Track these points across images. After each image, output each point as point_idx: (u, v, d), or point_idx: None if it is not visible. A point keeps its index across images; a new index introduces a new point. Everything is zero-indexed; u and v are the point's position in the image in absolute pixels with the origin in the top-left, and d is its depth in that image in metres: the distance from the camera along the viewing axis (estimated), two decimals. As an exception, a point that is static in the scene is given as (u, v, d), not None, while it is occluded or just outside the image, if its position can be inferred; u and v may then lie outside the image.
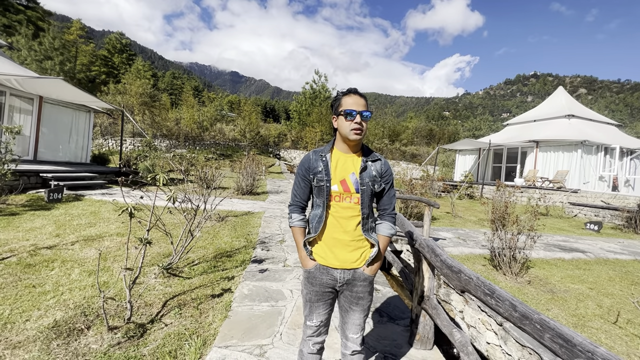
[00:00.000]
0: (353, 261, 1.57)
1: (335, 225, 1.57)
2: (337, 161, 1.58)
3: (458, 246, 5.64)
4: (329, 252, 1.58)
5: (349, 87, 1.57)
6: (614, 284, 4.39)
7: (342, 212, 1.56)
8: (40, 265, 3.43)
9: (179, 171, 11.18)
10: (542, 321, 1.28)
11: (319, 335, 1.66)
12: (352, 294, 1.60)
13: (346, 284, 1.59)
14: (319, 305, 1.62)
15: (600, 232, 8.63)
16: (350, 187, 1.55)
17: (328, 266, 1.58)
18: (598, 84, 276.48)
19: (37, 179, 7.89)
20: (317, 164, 1.58)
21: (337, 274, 1.57)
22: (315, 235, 1.59)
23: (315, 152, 1.63)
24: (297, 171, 1.66)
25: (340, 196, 1.56)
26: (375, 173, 1.57)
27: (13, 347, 2.10)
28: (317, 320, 1.63)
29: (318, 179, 1.56)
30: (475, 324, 3.39)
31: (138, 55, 57.92)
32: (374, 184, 1.56)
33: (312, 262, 1.60)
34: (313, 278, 1.59)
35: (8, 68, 9.20)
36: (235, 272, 3.75)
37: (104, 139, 23.30)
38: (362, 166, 1.55)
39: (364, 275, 1.58)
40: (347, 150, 1.59)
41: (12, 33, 29.67)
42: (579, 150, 14.32)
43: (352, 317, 1.63)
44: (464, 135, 48.11)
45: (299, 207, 1.66)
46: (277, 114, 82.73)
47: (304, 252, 1.61)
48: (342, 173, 1.56)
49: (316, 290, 1.60)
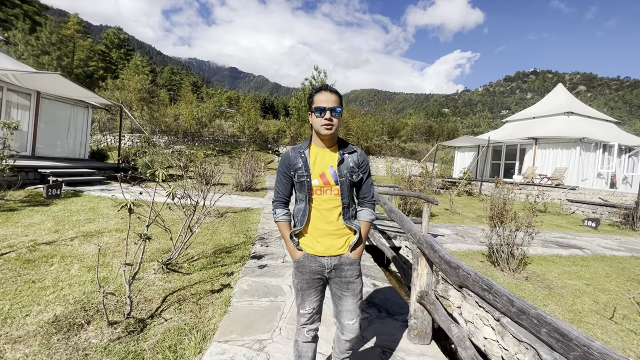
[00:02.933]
0: (338, 248, 1.67)
1: (318, 217, 1.66)
2: (315, 156, 1.66)
3: (456, 242, 5.66)
4: (315, 241, 1.67)
5: (322, 84, 1.65)
6: (611, 280, 4.43)
7: (324, 204, 1.65)
8: (39, 260, 3.43)
9: (178, 167, 11.17)
10: (539, 316, 1.29)
11: (312, 322, 1.73)
12: (342, 279, 1.68)
13: (334, 270, 1.67)
14: (310, 293, 1.69)
15: (598, 228, 8.67)
16: (329, 180, 1.63)
17: (315, 254, 1.66)
18: (597, 81, 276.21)
19: (36, 175, 7.87)
20: (297, 160, 1.65)
21: (325, 261, 1.66)
22: (301, 228, 1.68)
23: (294, 149, 1.70)
24: (278, 169, 1.73)
25: (321, 189, 1.64)
26: (353, 164, 1.65)
27: (13, 342, 2.11)
28: (310, 308, 1.70)
29: (299, 175, 1.64)
30: (473, 319, 3.42)
31: (136, 51, 57.53)
32: (352, 175, 1.64)
33: (300, 252, 1.68)
34: (302, 267, 1.67)
35: (5, 63, 9.13)
36: (235, 268, 3.77)
37: (102, 134, 23.20)
38: (340, 159, 1.64)
39: (350, 259, 1.67)
40: (323, 145, 1.66)
41: (8, 27, 29.36)
42: (577, 148, 14.35)
43: (345, 303, 1.70)
44: (463, 132, 48.09)
45: (282, 203, 1.74)
46: (276, 110, 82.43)
47: (291, 244, 1.70)
48: (321, 167, 1.64)
49: (306, 279, 1.68)
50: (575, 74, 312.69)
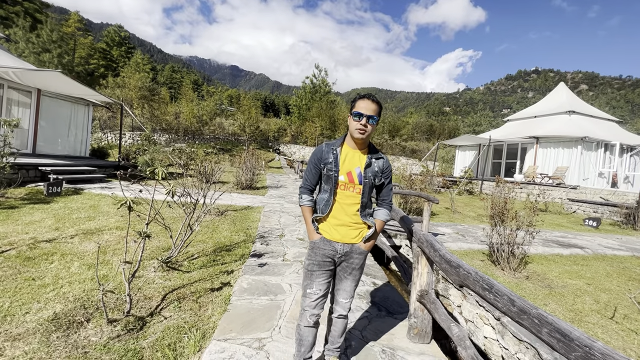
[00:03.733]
0: (352, 237, 1.86)
1: (339, 209, 1.84)
2: (345, 155, 1.83)
3: (457, 241, 5.65)
4: (332, 229, 1.85)
5: (367, 93, 1.79)
6: (612, 280, 4.42)
7: (346, 199, 1.83)
8: (39, 258, 3.43)
9: (178, 165, 11.17)
10: (540, 316, 1.28)
11: (316, 306, 1.87)
12: (348, 265, 1.88)
13: (344, 256, 1.86)
14: (319, 275, 1.86)
15: (599, 228, 8.65)
16: (354, 178, 1.80)
17: (331, 240, 1.84)
18: (599, 80, 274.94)
19: (36, 173, 7.87)
20: (329, 155, 1.82)
21: (338, 247, 1.84)
22: (323, 216, 1.86)
23: (327, 145, 1.87)
24: (309, 159, 1.91)
25: (345, 185, 1.81)
26: (377, 169, 1.83)
27: (13, 339, 2.11)
28: (317, 289, 1.85)
29: (328, 168, 1.81)
30: (473, 318, 3.41)
31: (137, 49, 57.46)
32: (375, 178, 1.82)
33: (318, 235, 1.87)
34: (317, 248, 1.85)
35: (6, 60, 9.12)
36: (235, 266, 3.76)
37: (103, 132, 23.22)
38: (367, 162, 1.81)
39: (360, 249, 1.86)
40: (354, 146, 1.84)
41: (9, 25, 29.36)
42: (579, 147, 14.29)
43: (344, 284, 1.92)
44: (464, 130, 47.99)
45: (308, 190, 1.92)
46: (277, 108, 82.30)
47: (311, 226, 1.88)
48: (349, 166, 1.81)
49: (318, 260, 1.85)
50: (577, 72, 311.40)
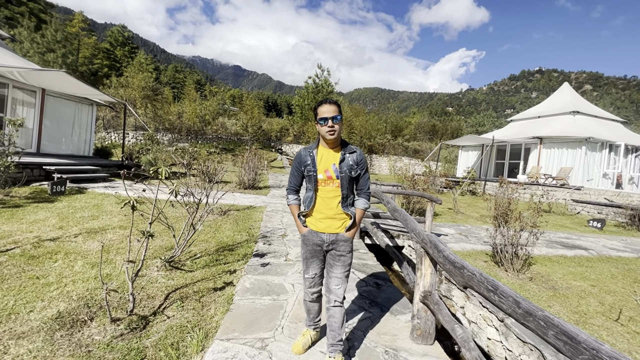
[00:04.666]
0: (336, 227, 2.08)
1: (322, 204, 2.07)
2: (321, 156, 2.05)
3: (460, 242, 5.63)
4: (318, 222, 2.10)
5: (322, 99, 2.04)
6: (617, 282, 4.38)
7: (327, 194, 2.06)
8: (43, 257, 3.45)
9: (181, 165, 11.20)
10: (546, 318, 1.27)
11: (314, 286, 2.19)
12: (336, 252, 2.10)
13: (331, 244, 2.09)
14: (313, 261, 2.15)
15: (603, 229, 8.58)
16: (332, 174, 2.02)
17: (318, 231, 2.09)
18: (604, 80, 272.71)
19: (41, 172, 7.92)
20: (307, 158, 2.06)
21: (325, 237, 2.08)
22: (308, 211, 2.11)
23: (305, 149, 2.11)
24: (292, 164, 2.17)
25: (325, 182, 2.04)
26: (352, 162, 2.03)
27: (17, 338, 2.12)
28: (312, 273, 2.16)
29: (307, 170, 2.05)
30: (477, 319, 3.40)
31: (140, 49, 57.68)
32: (351, 171, 2.02)
33: (306, 228, 2.13)
34: (307, 240, 2.12)
35: (10, 60, 9.19)
36: (237, 266, 3.76)
37: (106, 132, 23.32)
38: (341, 158, 2.02)
39: (344, 237, 2.09)
40: (327, 146, 2.05)
41: (14, 25, 29.53)
42: (583, 147, 14.19)
43: (335, 270, 2.11)
44: (467, 131, 47.76)
45: (294, 191, 2.20)
46: (280, 108, 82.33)
47: (299, 222, 2.15)
48: (326, 164, 2.03)
49: (310, 249, 2.13)
50: (581, 73, 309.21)
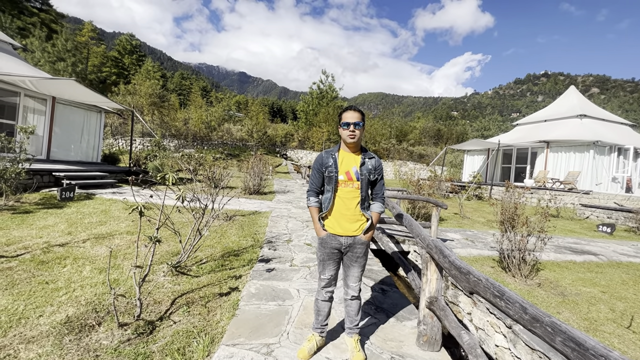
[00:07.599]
0: (354, 230, 2.18)
1: (340, 204, 2.17)
2: (342, 158, 2.19)
3: (466, 247, 5.58)
4: (336, 224, 2.18)
5: (350, 105, 2.15)
6: (628, 288, 4.29)
7: (346, 195, 2.16)
8: (52, 262, 3.51)
9: (187, 171, 11.31)
10: (553, 324, 1.26)
11: (329, 286, 2.28)
12: (353, 254, 2.21)
13: (349, 247, 2.19)
14: (329, 263, 2.23)
15: (613, 234, 8.43)
16: (352, 176, 2.15)
17: (336, 234, 2.18)
18: (611, 83, 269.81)
19: (50, 178, 8.06)
20: (329, 160, 2.18)
21: (342, 240, 2.18)
22: (327, 212, 2.20)
23: (326, 152, 2.23)
24: (313, 166, 2.26)
25: (345, 183, 2.15)
26: (371, 167, 2.19)
27: (27, 342, 2.15)
28: (328, 274, 2.25)
29: (329, 170, 2.16)
30: (484, 326, 3.35)
31: (148, 57, 58.73)
32: (370, 175, 2.17)
33: (325, 232, 2.21)
34: (325, 243, 2.21)
35: (22, 69, 9.43)
36: (243, 271, 3.78)
37: (114, 138, 23.69)
38: (362, 161, 2.17)
39: (361, 240, 2.19)
40: (349, 150, 2.20)
41: (26, 35, 30.35)
42: (591, 151, 14.01)
43: (352, 271, 2.25)
44: (472, 135, 47.52)
45: (315, 192, 2.26)
46: (284, 114, 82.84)
47: (318, 225, 2.21)
48: (347, 166, 2.16)
49: (327, 252, 2.21)
50: (588, 76, 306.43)
